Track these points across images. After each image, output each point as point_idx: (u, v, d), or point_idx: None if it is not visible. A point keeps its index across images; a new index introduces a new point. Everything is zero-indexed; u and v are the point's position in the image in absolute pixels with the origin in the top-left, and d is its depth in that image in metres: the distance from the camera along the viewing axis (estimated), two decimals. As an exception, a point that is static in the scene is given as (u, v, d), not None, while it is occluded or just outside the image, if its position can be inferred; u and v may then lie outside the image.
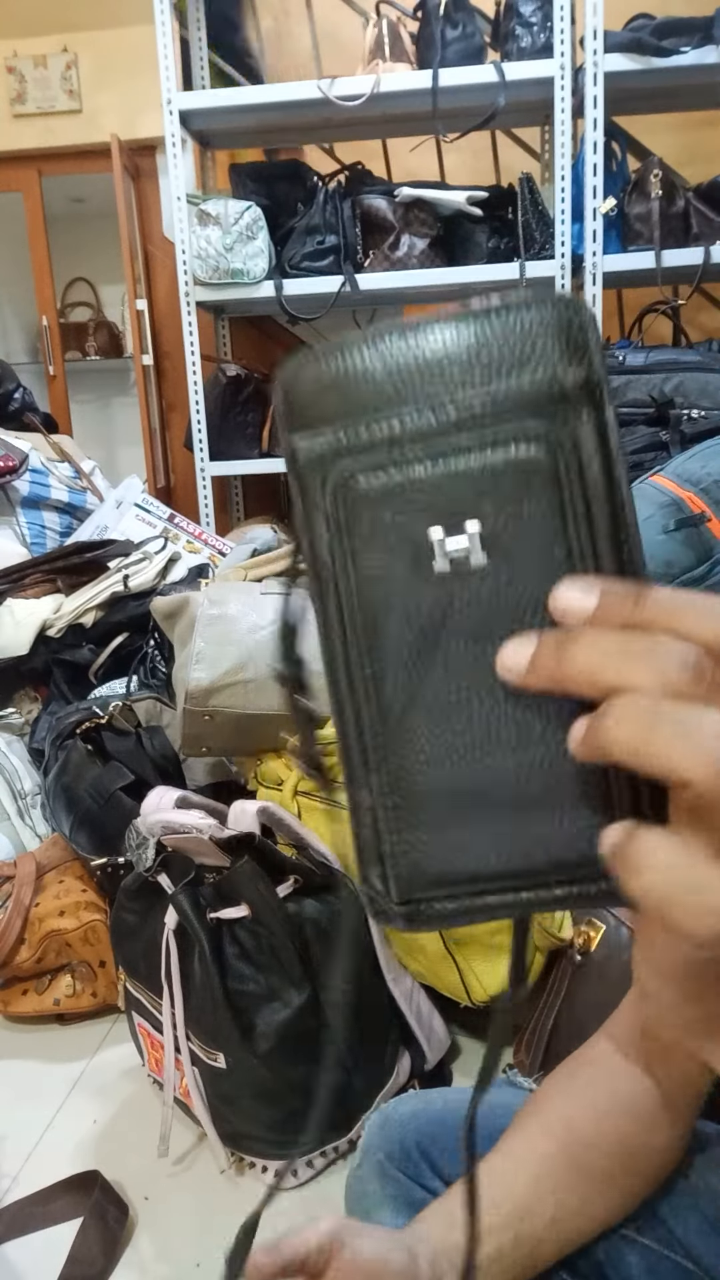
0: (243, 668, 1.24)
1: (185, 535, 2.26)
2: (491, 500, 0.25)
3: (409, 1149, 0.63)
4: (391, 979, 1.04)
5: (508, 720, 0.26)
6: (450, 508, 0.25)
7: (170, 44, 2.38)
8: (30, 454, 2.24)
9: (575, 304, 0.25)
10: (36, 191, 3.26)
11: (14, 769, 1.60)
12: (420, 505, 0.25)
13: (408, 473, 0.25)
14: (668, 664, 0.23)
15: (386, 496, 0.25)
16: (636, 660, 0.23)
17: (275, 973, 0.94)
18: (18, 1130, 1.08)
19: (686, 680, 0.23)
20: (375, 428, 0.26)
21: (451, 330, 0.25)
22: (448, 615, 0.25)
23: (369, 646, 0.26)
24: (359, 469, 0.26)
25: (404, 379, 0.26)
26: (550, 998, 1.01)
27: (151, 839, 1.02)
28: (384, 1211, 0.62)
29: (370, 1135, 0.67)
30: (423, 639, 0.26)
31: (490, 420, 0.25)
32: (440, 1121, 0.65)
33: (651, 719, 0.22)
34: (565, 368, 0.25)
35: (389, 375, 0.26)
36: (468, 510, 0.25)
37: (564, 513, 0.25)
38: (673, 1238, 0.59)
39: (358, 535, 0.26)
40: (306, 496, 0.26)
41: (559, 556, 0.25)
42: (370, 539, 0.26)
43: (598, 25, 2.22)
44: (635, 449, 1.66)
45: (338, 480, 0.26)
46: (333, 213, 2.44)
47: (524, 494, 0.25)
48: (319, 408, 0.26)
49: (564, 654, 0.24)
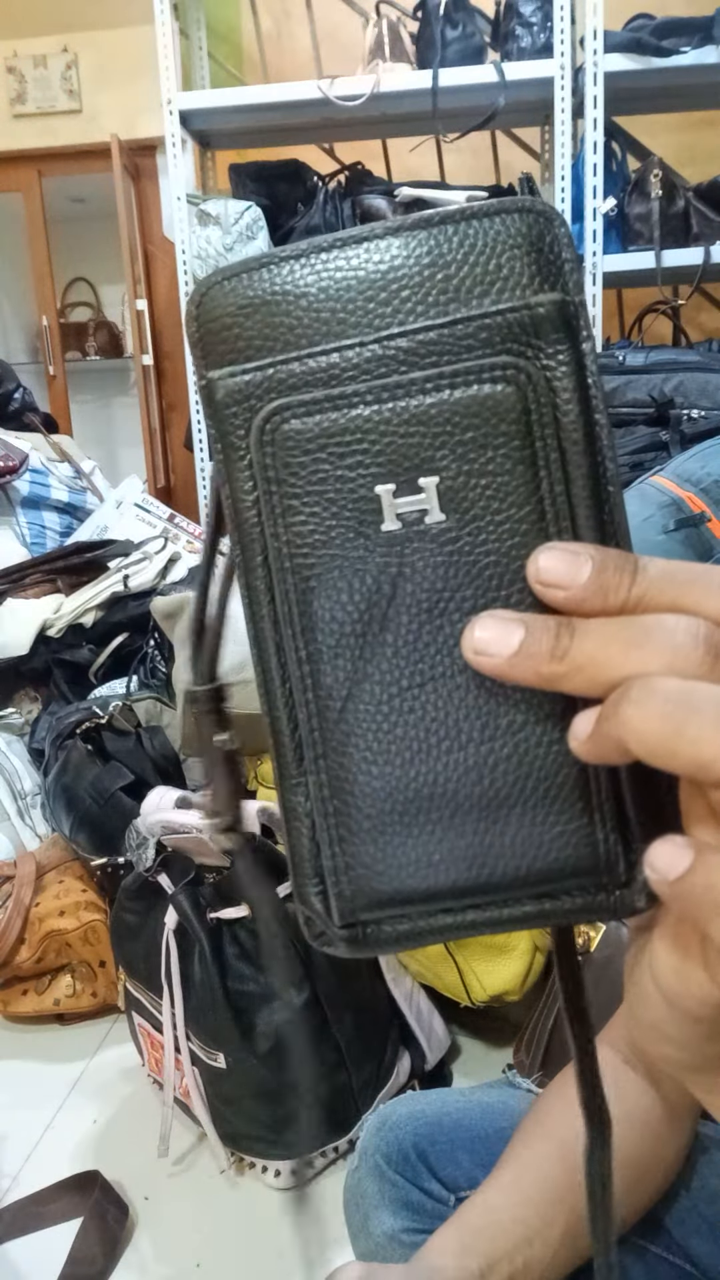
0: (243, 667, 1.23)
1: (185, 535, 2.26)
2: (450, 448, 0.21)
3: (406, 1151, 0.63)
4: (391, 979, 1.04)
5: (470, 709, 0.22)
6: (401, 456, 0.21)
7: (170, 44, 2.38)
8: (30, 454, 2.24)
9: (547, 214, 0.21)
10: (36, 191, 3.26)
11: (14, 769, 1.60)
12: (365, 453, 0.21)
13: (350, 414, 0.21)
14: (682, 646, 0.19)
15: (325, 442, 0.21)
16: (647, 646, 0.20)
17: (275, 973, 0.94)
18: (18, 1130, 1.08)
19: (707, 664, 0.19)
20: (310, 361, 0.21)
21: (401, 243, 0.21)
22: (398, 585, 0.21)
23: (303, 624, 0.22)
24: (291, 409, 0.21)
25: (344, 302, 0.22)
26: (550, 998, 1.01)
27: (151, 839, 1.02)
28: (382, 1212, 0.62)
29: (368, 1137, 0.67)
30: (368, 614, 0.22)
31: (448, 353, 0.21)
32: (437, 1124, 0.65)
33: (685, 707, 0.19)
34: (536, 291, 0.21)
35: (326, 297, 0.22)
36: (422, 460, 0.21)
37: (535, 464, 0.21)
38: (671, 1241, 0.59)
39: (290, 488, 0.22)
40: (227, 443, 0.22)
41: (530, 517, 0.21)
42: (305, 493, 0.22)
43: (598, 25, 2.22)
44: (635, 449, 1.65)
45: (265, 423, 0.21)
46: (333, 213, 2.45)
47: (488, 441, 0.21)
48: (242, 337, 0.22)
49: (559, 644, 0.20)
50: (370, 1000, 1.02)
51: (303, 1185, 0.97)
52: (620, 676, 0.20)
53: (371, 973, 1.03)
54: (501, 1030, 1.17)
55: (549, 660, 0.20)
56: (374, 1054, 1.02)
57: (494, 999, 1.02)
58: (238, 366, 0.22)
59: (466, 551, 0.21)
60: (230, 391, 0.22)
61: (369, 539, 0.22)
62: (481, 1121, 0.66)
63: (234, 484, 0.22)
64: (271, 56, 3.07)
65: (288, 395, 0.22)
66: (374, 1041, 1.02)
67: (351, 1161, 0.67)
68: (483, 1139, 0.64)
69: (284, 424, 0.22)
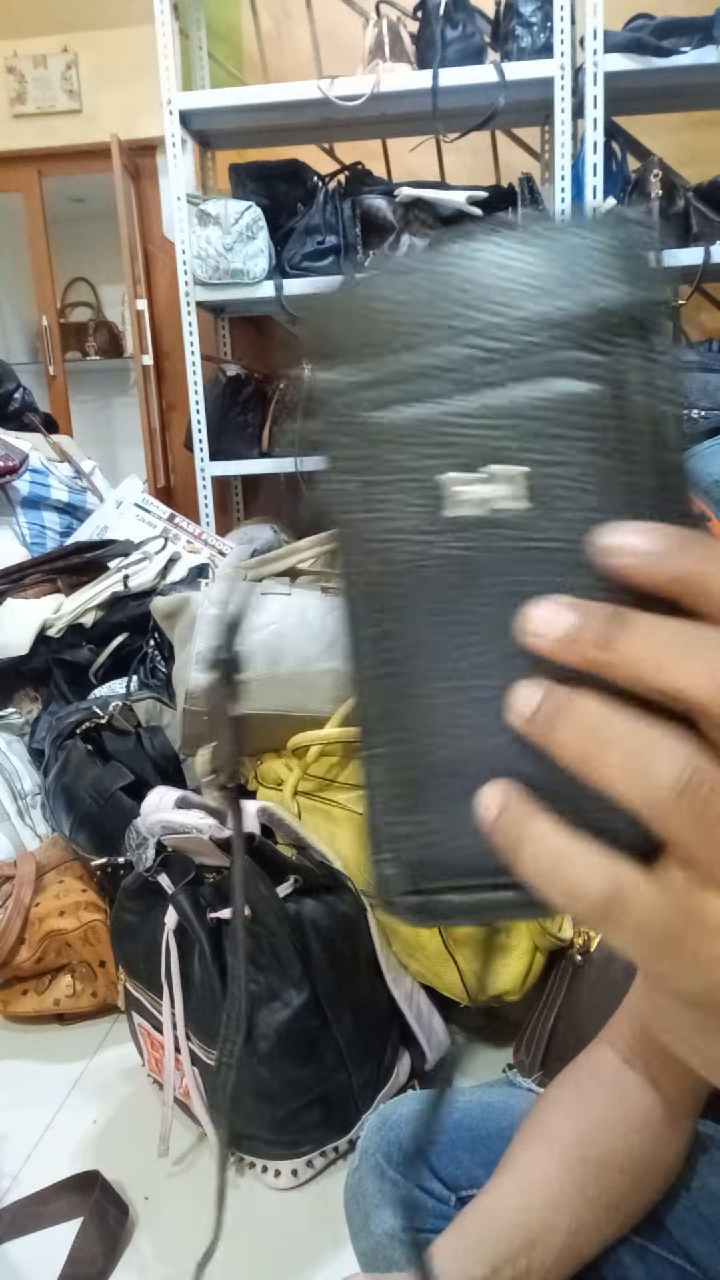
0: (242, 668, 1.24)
1: (185, 535, 2.26)
2: (535, 441, 0.22)
3: (407, 1150, 0.64)
4: (391, 979, 1.04)
5: None
6: (485, 447, 0.23)
7: (170, 44, 2.38)
8: (30, 454, 2.24)
9: (640, 221, 0.22)
10: (36, 191, 3.26)
11: (14, 769, 1.60)
12: (451, 443, 0.23)
13: (439, 406, 0.23)
14: None
15: (413, 432, 0.23)
16: (698, 661, 0.20)
17: (275, 973, 0.94)
18: (18, 1130, 1.08)
19: None
20: (406, 357, 0.23)
21: (499, 252, 0.23)
22: (473, 570, 0.23)
23: (380, 602, 0.23)
24: (385, 401, 0.23)
25: (442, 303, 0.23)
26: (550, 998, 1.01)
27: (151, 839, 1.02)
28: (382, 1211, 0.62)
29: (369, 1136, 0.67)
30: (441, 594, 0.23)
31: (537, 350, 0.22)
32: (436, 1124, 0.65)
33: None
34: (628, 290, 0.22)
35: (425, 300, 0.23)
36: (506, 450, 0.22)
37: (619, 458, 0.22)
38: (672, 1240, 0.59)
39: (379, 475, 0.23)
40: (327, 434, 0.24)
41: (611, 509, 0.22)
42: (393, 479, 0.23)
43: (598, 25, 2.23)
44: (635, 449, 1.65)
45: (360, 413, 0.23)
46: (333, 213, 2.45)
47: (574, 434, 0.22)
48: (343, 336, 0.24)
49: (609, 632, 0.21)
50: (370, 1000, 1.02)
51: (279, 1187, 0.97)
52: (670, 686, 0.20)
53: (371, 973, 1.03)
54: (501, 1030, 1.17)
55: (595, 647, 0.21)
56: (374, 1054, 1.02)
57: (494, 999, 1.02)
58: (338, 361, 0.24)
59: (539, 540, 0.22)
60: (331, 386, 0.23)
61: (449, 525, 0.23)
62: (482, 1121, 0.66)
63: (332, 472, 0.24)
64: (271, 56, 3.07)
65: (382, 388, 0.23)
66: (374, 1041, 1.02)
67: (352, 1161, 0.67)
68: (483, 1138, 0.64)
69: (377, 414, 0.23)
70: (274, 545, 2.15)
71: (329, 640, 1.28)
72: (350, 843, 1.08)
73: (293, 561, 1.42)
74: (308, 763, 1.18)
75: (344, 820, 1.10)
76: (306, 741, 1.15)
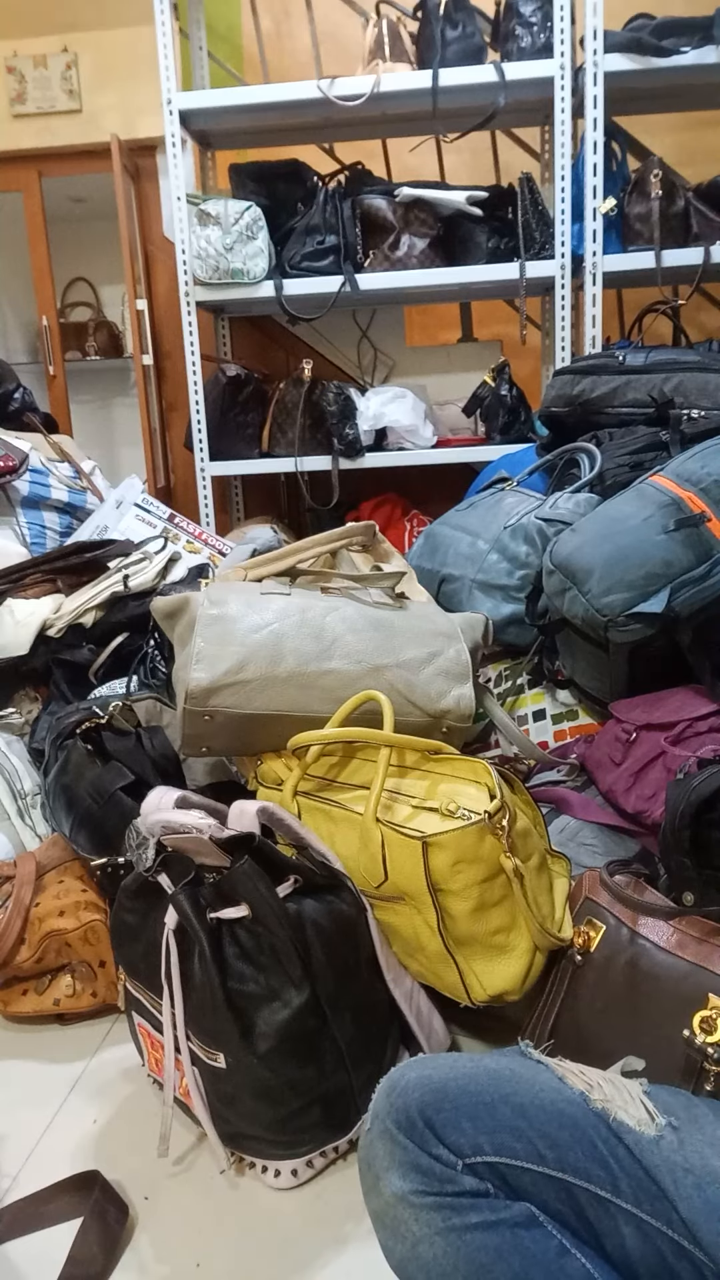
0: (243, 668, 1.24)
1: (185, 535, 2.26)
2: None
3: (413, 1118, 0.66)
4: (391, 979, 1.04)
5: None
6: None
7: (170, 44, 2.38)
8: (30, 454, 2.24)
9: None
10: (36, 191, 3.27)
11: (14, 769, 1.60)
12: None
13: None
14: None
15: None
16: None
17: (275, 973, 0.94)
18: (18, 1130, 1.08)
19: None
20: None
21: None
22: None
23: None
24: None
25: None
26: (550, 998, 1.01)
27: (151, 839, 1.02)
28: (391, 1174, 0.64)
29: (379, 1101, 0.69)
30: None
31: None
32: (442, 1091, 0.67)
33: None
34: None
35: None
36: None
37: None
38: (675, 1217, 0.60)
39: None
40: None
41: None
42: None
43: (598, 25, 2.23)
44: (635, 449, 1.65)
45: None
46: (333, 213, 2.45)
47: None
48: None
49: None
50: (370, 1000, 1.02)
51: (279, 1187, 0.97)
52: None
53: (371, 973, 1.03)
54: (502, 1030, 1.17)
55: None
56: (374, 1054, 1.02)
57: (494, 999, 1.02)
58: None
59: None
60: None
61: None
62: (488, 1087, 0.68)
63: None
64: (271, 56, 3.07)
65: None
66: (374, 1041, 1.02)
67: (365, 1123, 0.69)
68: (486, 1105, 0.66)
69: None
70: (274, 545, 2.15)
71: (329, 640, 1.28)
72: (350, 843, 1.08)
73: (293, 561, 1.42)
74: (308, 763, 1.18)
75: (344, 820, 1.10)
76: (306, 741, 1.15)
